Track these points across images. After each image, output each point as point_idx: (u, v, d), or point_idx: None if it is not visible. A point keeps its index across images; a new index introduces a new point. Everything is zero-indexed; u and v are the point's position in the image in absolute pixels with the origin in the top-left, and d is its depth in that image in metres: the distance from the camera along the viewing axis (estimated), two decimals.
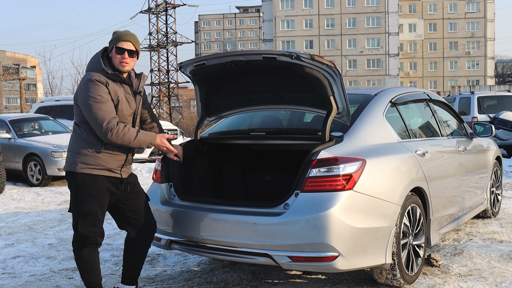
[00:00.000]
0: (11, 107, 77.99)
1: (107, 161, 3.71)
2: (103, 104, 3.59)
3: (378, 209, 3.85)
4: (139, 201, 3.93)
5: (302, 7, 71.91)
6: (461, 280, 4.36)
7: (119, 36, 3.73)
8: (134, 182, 3.93)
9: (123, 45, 3.71)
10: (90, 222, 3.72)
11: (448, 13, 75.59)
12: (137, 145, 3.70)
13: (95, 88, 3.60)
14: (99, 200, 3.71)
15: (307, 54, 3.76)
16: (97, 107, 3.58)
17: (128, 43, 3.72)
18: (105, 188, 3.73)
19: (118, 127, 3.60)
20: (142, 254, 4.03)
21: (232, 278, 4.59)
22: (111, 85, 3.67)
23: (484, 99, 14.78)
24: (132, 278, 4.04)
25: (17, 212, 8.26)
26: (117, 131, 3.58)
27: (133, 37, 3.75)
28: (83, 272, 3.82)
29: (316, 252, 3.62)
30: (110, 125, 3.57)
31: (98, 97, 3.59)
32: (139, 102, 3.88)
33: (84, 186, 3.69)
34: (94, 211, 3.69)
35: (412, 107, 5.20)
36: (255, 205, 3.94)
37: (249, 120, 5.11)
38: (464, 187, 5.39)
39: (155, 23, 57.70)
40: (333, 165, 3.70)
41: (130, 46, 3.73)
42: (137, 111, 3.86)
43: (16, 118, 12.70)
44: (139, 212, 3.92)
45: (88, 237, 3.74)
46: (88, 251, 3.78)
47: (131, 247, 4.00)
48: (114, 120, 3.60)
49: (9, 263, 5.29)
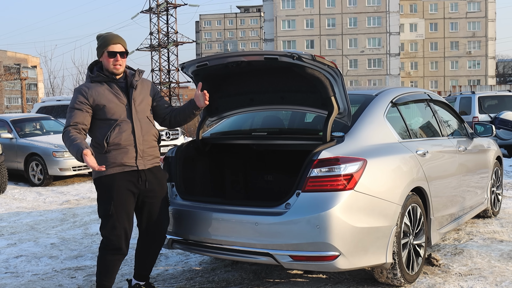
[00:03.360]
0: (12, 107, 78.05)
1: (116, 157, 3.78)
2: (70, 112, 3.82)
3: (379, 208, 3.88)
4: (156, 202, 3.95)
5: (303, 6, 71.88)
6: (461, 279, 4.38)
7: (108, 40, 3.83)
8: (155, 182, 3.93)
9: (114, 49, 3.81)
10: (111, 224, 3.77)
11: (449, 12, 75.54)
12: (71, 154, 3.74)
13: (73, 97, 3.85)
14: (119, 200, 3.76)
15: (308, 54, 3.78)
16: (67, 114, 3.84)
17: (117, 45, 3.83)
18: (124, 188, 3.78)
19: (65, 132, 3.76)
20: (153, 255, 4.07)
21: (234, 278, 4.62)
22: (93, 90, 3.81)
23: (485, 99, 14.77)
24: (143, 276, 4.12)
25: (19, 211, 8.28)
26: (64, 135, 3.77)
27: (121, 38, 3.88)
28: (100, 273, 3.88)
29: (317, 252, 3.64)
30: (64, 130, 3.79)
31: (70, 106, 3.84)
32: (131, 94, 3.89)
33: (103, 188, 3.79)
34: (112, 212, 3.74)
35: (413, 107, 5.22)
36: (257, 205, 3.96)
37: (251, 120, 5.13)
38: (465, 187, 5.41)
39: (156, 23, 57.76)
40: (334, 165, 3.72)
41: (120, 48, 3.84)
42: (131, 102, 3.87)
43: (18, 118, 12.73)
44: (154, 210, 3.94)
45: (110, 239, 3.79)
46: (110, 258, 3.82)
47: (141, 247, 4.05)
48: (69, 127, 3.78)
49: (11, 263, 5.32)
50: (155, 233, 3.98)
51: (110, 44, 3.80)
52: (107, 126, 3.79)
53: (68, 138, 3.71)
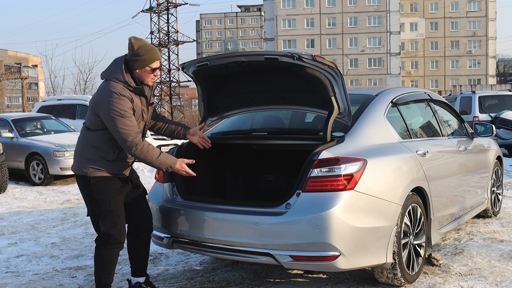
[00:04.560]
0: (13, 106, 78.09)
1: (116, 168, 3.84)
2: (127, 119, 3.63)
3: (379, 208, 3.88)
4: (140, 195, 4.06)
5: (303, 6, 71.89)
6: (461, 279, 4.39)
7: (154, 56, 3.76)
8: (135, 176, 4.06)
9: (157, 65, 3.80)
10: (111, 219, 3.81)
11: (450, 12, 75.52)
12: (157, 164, 3.74)
13: (120, 102, 3.62)
14: (114, 197, 3.82)
15: (308, 55, 3.78)
16: (122, 121, 3.61)
17: (158, 62, 3.82)
18: (118, 185, 3.86)
19: (144, 144, 3.67)
20: (145, 246, 4.13)
21: (234, 277, 4.62)
22: (135, 100, 3.73)
23: (485, 98, 14.77)
24: (140, 270, 4.15)
25: (19, 211, 8.29)
26: (142, 146, 3.65)
27: (160, 54, 3.85)
28: (99, 270, 3.90)
29: (318, 252, 3.65)
30: (136, 140, 3.64)
31: (123, 112, 3.62)
32: (150, 112, 3.96)
33: (98, 187, 3.80)
34: (112, 208, 3.79)
35: (413, 107, 5.22)
36: (257, 205, 3.97)
37: (251, 120, 5.14)
38: (465, 187, 5.41)
39: (157, 22, 57.73)
40: (335, 165, 3.73)
41: (158, 64, 3.83)
42: (148, 122, 3.95)
43: (19, 117, 12.74)
44: (139, 205, 4.05)
45: (112, 235, 3.83)
46: (110, 252, 3.87)
47: (133, 240, 4.11)
48: (139, 136, 3.68)
49: (12, 262, 5.33)
50: (144, 221, 4.08)
51: (156, 60, 3.78)
52: None
53: (151, 149, 3.68)
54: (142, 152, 3.65)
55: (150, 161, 3.71)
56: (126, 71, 3.73)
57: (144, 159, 3.69)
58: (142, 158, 3.69)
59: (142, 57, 3.73)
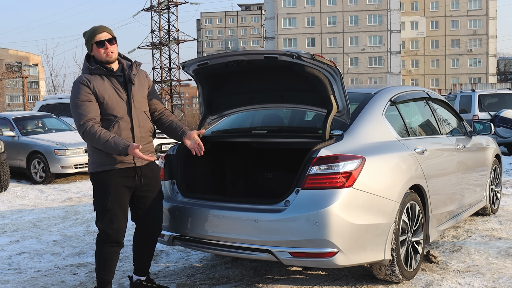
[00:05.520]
0: (14, 105, 78.13)
1: (112, 156, 3.80)
2: (81, 106, 3.74)
3: (377, 206, 3.91)
4: (151, 195, 4.00)
5: (304, 4, 71.86)
6: (459, 276, 4.42)
7: (93, 32, 3.85)
8: (150, 176, 3.98)
9: (100, 38, 3.83)
10: (108, 218, 3.82)
11: (450, 10, 75.45)
12: (106, 150, 3.73)
13: (76, 90, 3.78)
14: (115, 195, 3.81)
15: (307, 53, 3.82)
16: (74, 109, 3.77)
17: (103, 34, 3.85)
18: (120, 183, 3.83)
19: (90, 129, 3.70)
20: (150, 249, 4.13)
21: (234, 274, 4.66)
22: (95, 82, 3.79)
23: (485, 97, 14.79)
24: (142, 270, 4.17)
25: (21, 209, 8.34)
26: (88, 131, 3.70)
27: (105, 27, 3.90)
28: (98, 267, 3.93)
29: (316, 248, 3.68)
30: (85, 125, 3.71)
31: (76, 100, 3.76)
32: (131, 90, 3.89)
33: (99, 183, 3.84)
34: (110, 207, 3.80)
35: (412, 106, 5.25)
36: (257, 202, 4.01)
37: (251, 119, 5.17)
38: (464, 185, 5.44)
39: (157, 21, 57.69)
40: (333, 162, 3.76)
41: (107, 36, 3.85)
42: (131, 99, 3.88)
43: (20, 116, 12.79)
44: (149, 208, 4.00)
45: (107, 233, 3.84)
46: (108, 250, 3.88)
47: (138, 240, 4.11)
48: (89, 122, 3.72)
49: (14, 259, 5.37)
50: (151, 226, 4.04)
51: (96, 34, 3.82)
52: (106, 122, 3.80)
53: (97, 135, 3.67)
54: (87, 136, 3.71)
55: (97, 146, 3.73)
56: (88, 59, 3.89)
57: (92, 144, 3.76)
58: (91, 143, 3.76)
59: (87, 39, 3.87)
